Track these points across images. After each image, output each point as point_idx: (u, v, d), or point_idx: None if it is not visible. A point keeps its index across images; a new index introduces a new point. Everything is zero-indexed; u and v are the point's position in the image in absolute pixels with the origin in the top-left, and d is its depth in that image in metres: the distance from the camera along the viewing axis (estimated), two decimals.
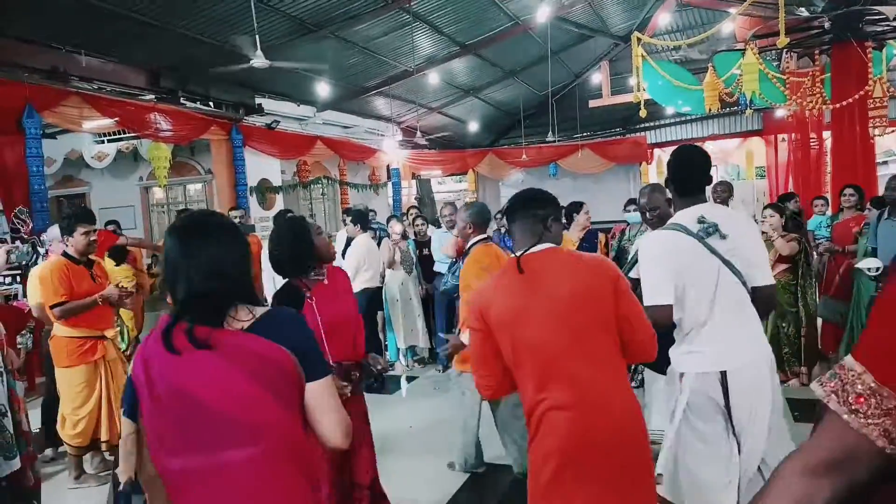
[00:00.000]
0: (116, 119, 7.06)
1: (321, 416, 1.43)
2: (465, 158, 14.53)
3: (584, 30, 10.99)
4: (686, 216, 2.38)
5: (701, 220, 2.33)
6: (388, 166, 12.76)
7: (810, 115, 8.52)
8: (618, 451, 1.84)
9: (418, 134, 11.71)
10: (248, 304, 1.46)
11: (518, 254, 2.01)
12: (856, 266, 4.85)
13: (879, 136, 8.04)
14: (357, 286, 5.65)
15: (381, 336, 6.26)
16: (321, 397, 1.43)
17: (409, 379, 6.08)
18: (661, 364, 2.44)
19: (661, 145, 14.19)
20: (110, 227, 6.03)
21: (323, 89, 9.65)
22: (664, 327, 2.24)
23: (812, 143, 9.50)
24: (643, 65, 8.11)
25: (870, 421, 0.81)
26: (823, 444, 0.86)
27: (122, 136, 8.80)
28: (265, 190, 9.63)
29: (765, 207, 5.05)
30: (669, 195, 2.71)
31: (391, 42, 9.35)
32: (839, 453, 0.84)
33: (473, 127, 13.98)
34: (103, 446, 3.99)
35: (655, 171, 13.96)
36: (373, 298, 5.79)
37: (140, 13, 6.52)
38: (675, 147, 11.61)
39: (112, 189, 10.51)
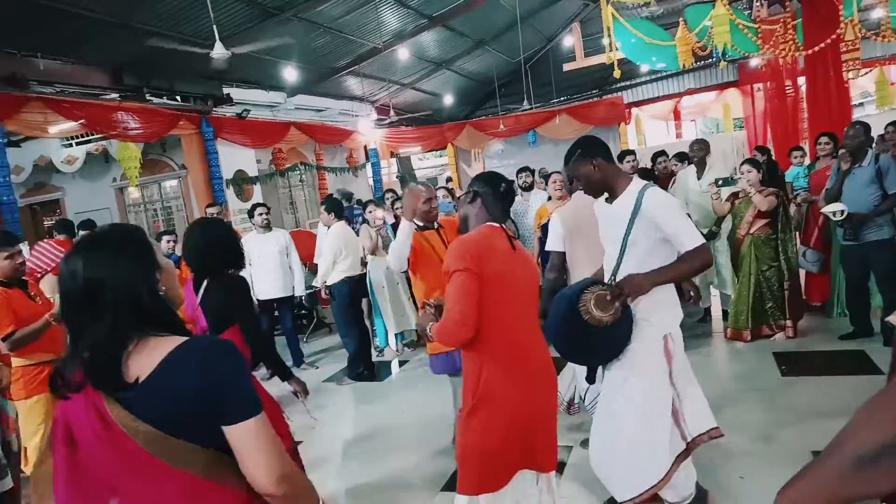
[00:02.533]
0: (81, 121, 6.87)
1: (246, 459, 1.24)
2: (443, 133, 14.37)
3: None
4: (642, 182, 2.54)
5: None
6: (365, 147, 12.60)
7: (784, 62, 8.46)
8: (551, 399, 2.40)
9: (392, 112, 11.54)
10: (158, 332, 1.28)
11: (500, 224, 2.34)
12: (821, 210, 4.84)
13: (853, 78, 8.01)
14: (336, 276, 5.61)
15: (367, 323, 6.21)
16: (244, 441, 1.24)
17: (401, 363, 6.07)
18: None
19: (638, 104, 14.08)
20: (82, 232, 5.93)
21: (291, 74, 9.46)
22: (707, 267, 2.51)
23: (787, 91, 9.46)
24: (614, 24, 7.98)
25: None
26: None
27: (91, 137, 8.60)
28: (242, 182, 9.48)
29: (742, 163, 5.02)
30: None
31: (357, 20, 9.15)
32: None
33: (448, 100, 13.80)
34: None
35: (634, 131, 13.89)
36: (355, 287, 5.73)
37: (93, 10, 6.32)
38: (652, 104, 11.51)
39: (86, 192, 10.31)
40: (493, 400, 2.20)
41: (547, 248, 3.45)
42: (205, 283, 2.82)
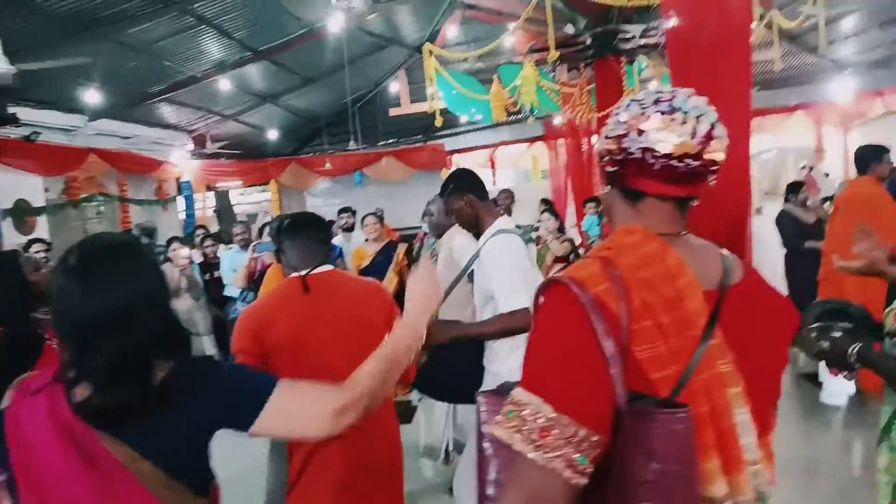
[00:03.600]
0: None
1: (294, 428, 1.19)
2: (267, 168, 13.95)
3: (380, 39, 11.17)
4: (507, 222, 2.46)
5: (518, 226, 2.46)
6: (177, 179, 11.81)
7: (580, 122, 9.53)
8: (388, 475, 1.96)
9: (210, 143, 10.99)
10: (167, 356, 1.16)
11: (303, 273, 1.97)
12: None
13: None
14: None
15: None
16: (276, 418, 1.16)
17: None
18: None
19: (459, 151, 14.92)
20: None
21: (94, 96, 8.66)
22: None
23: (583, 148, 10.64)
24: (437, 75, 8.46)
25: (555, 453, 0.77)
26: (517, 489, 0.81)
27: None
28: (23, 212, 8.35)
29: (542, 212, 5.54)
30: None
31: (175, 46, 8.68)
32: (533, 497, 0.79)
33: (273, 135, 13.50)
34: None
35: None
36: None
37: None
38: (471, 153, 12.23)
39: None
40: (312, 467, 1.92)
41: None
42: None
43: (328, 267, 2.01)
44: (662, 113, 0.91)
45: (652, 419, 0.78)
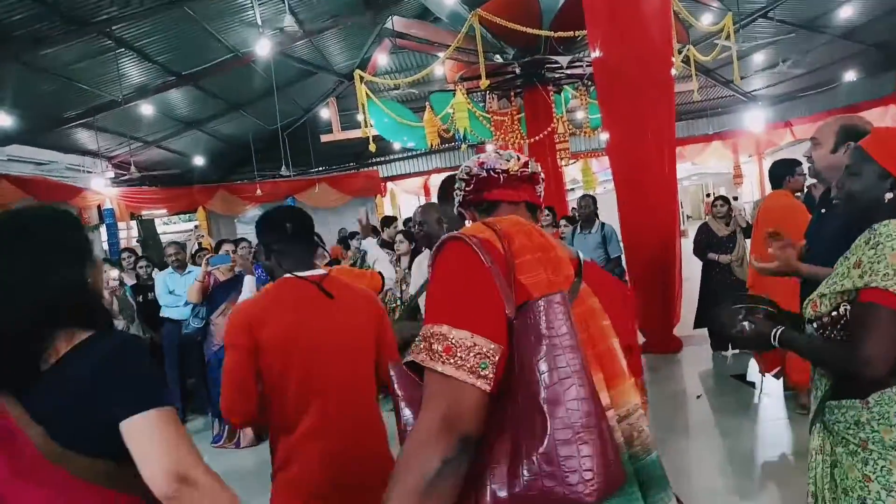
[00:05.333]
0: None
1: (141, 458, 1.11)
2: (194, 195, 13.53)
3: (308, 66, 11.11)
4: None
5: None
6: (99, 207, 11.26)
7: (512, 148, 9.73)
8: (364, 491, 1.78)
9: (133, 169, 10.55)
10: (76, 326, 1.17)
11: (303, 274, 1.94)
12: None
13: (566, 165, 9.52)
14: None
15: None
16: (138, 436, 1.12)
17: None
18: None
19: (393, 178, 14.96)
20: None
21: (5, 120, 8.18)
22: None
23: None
24: (368, 102, 8.45)
25: (460, 362, 0.91)
26: (433, 404, 0.91)
27: None
28: None
29: None
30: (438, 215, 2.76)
31: (93, 68, 8.34)
32: (447, 408, 0.90)
33: (200, 161, 13.12)
34: None
35: (390, 204, 14.63)
36: None
37: None
38: (405, 179, 12.32)
39: None
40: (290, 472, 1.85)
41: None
42: None
43: (321, 271, 1.97)
44: (497, 156, 1.25)
45: (535, 306, 0.93)
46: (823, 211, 2.35)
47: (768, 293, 2.03)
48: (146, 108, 9.78)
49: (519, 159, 1.25)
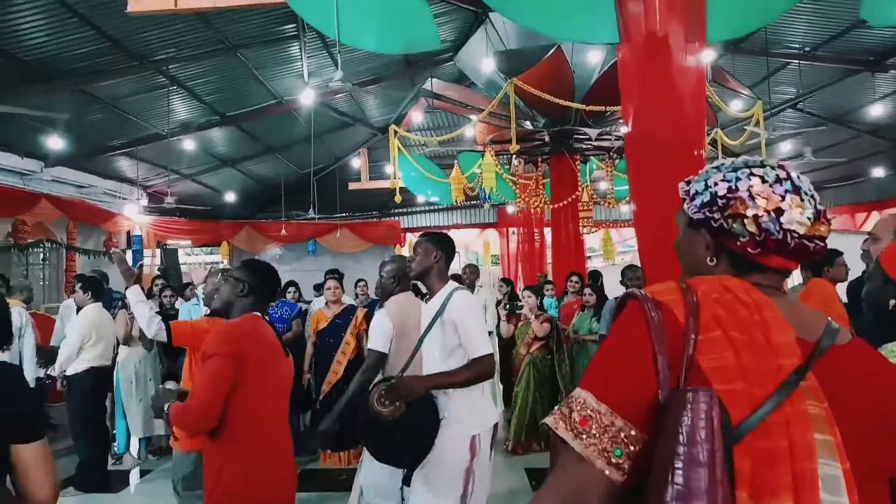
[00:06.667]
0: None
1: (35, 477, 1.37)
2: (220, 229, 13.89)
3: (346, 118, 11.57)
4: (457, 285, 2.64)
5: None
6: (128, 232, 11.61)
7: (534, 212, 9.97)
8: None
9: (168, 199, 10.93)
10: None
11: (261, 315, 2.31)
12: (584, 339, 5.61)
13: (587, 234, 9.70)
14: (82, 364, 4.94)
15: (108, 424, 5.48)
16: (36, 459, 1.37)
17: (143, 473, 5.39)
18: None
19: (412, 230, 15.26)
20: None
21: (56, 143, 8.61)
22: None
23: (536, 238, 11.08)
24: (399, 156, 8.79)
25: (592, 441, 0.81)
26: (556, 482, 0.84)
27: None
28: None
29: (524, 290, 5.69)
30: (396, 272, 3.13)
31: (143, 102, 8.80)
32: (570, 490, 0.82)
33: (231, 197, 13.53)
34: None
35: (408, 254, 14.87)
36: (102, 379, 5.09)
37: None
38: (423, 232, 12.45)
39: None
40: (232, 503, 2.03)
41: (369, 346, 3.02)
42: None
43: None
44: (791, 193, 0.94)
45: (681, 400, 0.79)
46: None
47: None
48: (188, 144, 10.21)
49: (818, 215, 0.95)
